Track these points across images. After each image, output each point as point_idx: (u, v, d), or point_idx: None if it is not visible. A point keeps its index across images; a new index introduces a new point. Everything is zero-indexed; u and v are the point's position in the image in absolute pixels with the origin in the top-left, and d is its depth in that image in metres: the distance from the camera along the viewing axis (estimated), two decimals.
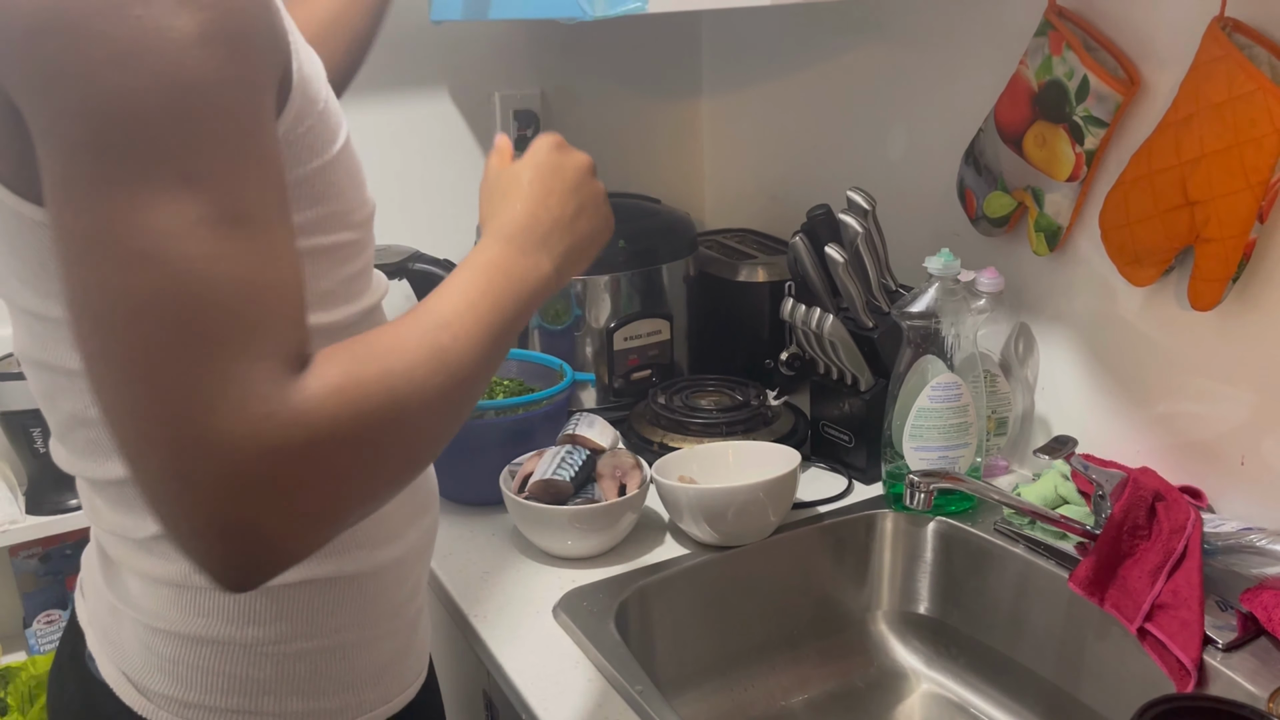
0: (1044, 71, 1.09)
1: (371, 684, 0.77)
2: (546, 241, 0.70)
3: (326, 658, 0.74)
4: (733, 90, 1.70)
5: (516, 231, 0.70)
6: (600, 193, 0.76)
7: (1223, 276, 0.96)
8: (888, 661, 1.15)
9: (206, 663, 0.71)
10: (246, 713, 0.72)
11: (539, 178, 0.73)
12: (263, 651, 0.71)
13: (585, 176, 0.75)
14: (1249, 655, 0.89)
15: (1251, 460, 1.02)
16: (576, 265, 0.73)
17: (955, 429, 1.11)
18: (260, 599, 0.71)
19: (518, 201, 0.71)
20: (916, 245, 1.21)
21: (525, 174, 0.73)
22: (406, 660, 0.80)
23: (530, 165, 0.74)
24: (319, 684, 0.74)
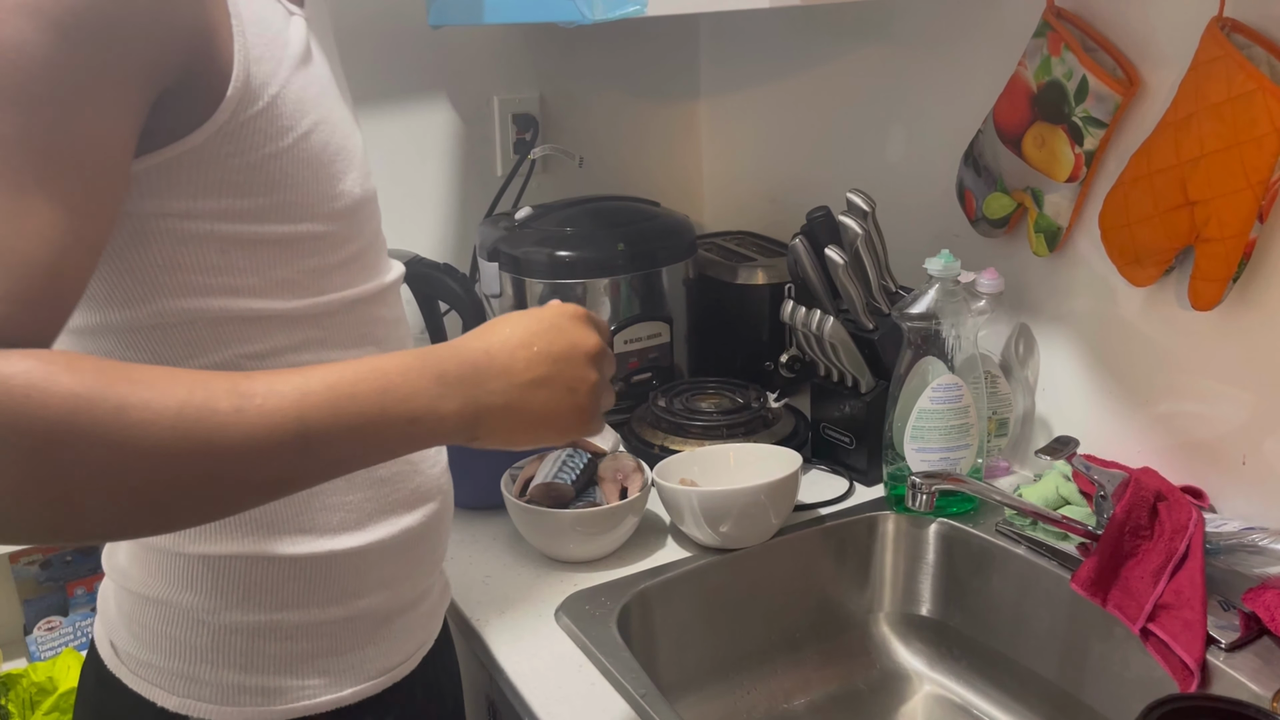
0: (1043, 72, 1.09)
1: (318, 671, 0.75)
2: (478, 384, 0.62)
3: (264, 635, 0.73)
4: (731, 93, 1.70)
5: (454, 353, 0.63)
6: (586, 383, 0.66)
7: (1223, 276, 0.96)
8: (890, 663, 1.15)
9: (155, 623, 0.74)
10: (187, 678, 0.73)
11: (530, 324, 0.66)
12: (199, 619, 0.72)
13: (581, 355, 0.66)
14: (1252, 655, 0.89)
15: (1253, 460, 1.02)
16: (502, 435, 0.64)
17: (956, 430, 1.11)
18: (199, 565, 0.72)
19: (489, 332, 0.65)
20: (916, 247, 1.21)
21: (523, 315, 0.67)
22: (366, 653, 0.78)
23: (534, 312, 0.67)
24: (255, 660, 0.73)
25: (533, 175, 1.60)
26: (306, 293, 0.70)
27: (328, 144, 0.69)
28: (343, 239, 0.72)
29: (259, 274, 0.68)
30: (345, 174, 0.71)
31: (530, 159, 1.57)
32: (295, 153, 0.67)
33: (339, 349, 0.73)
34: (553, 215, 1.44)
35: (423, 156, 1.57)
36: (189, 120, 0.62)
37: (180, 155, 0.62)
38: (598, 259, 1.37)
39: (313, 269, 0.70)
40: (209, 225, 0.65)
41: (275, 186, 0.66)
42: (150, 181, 0.63)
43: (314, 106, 0.68)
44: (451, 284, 1.42)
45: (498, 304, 1.43)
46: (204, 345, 0.68)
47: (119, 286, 0.65)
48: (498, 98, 1.59)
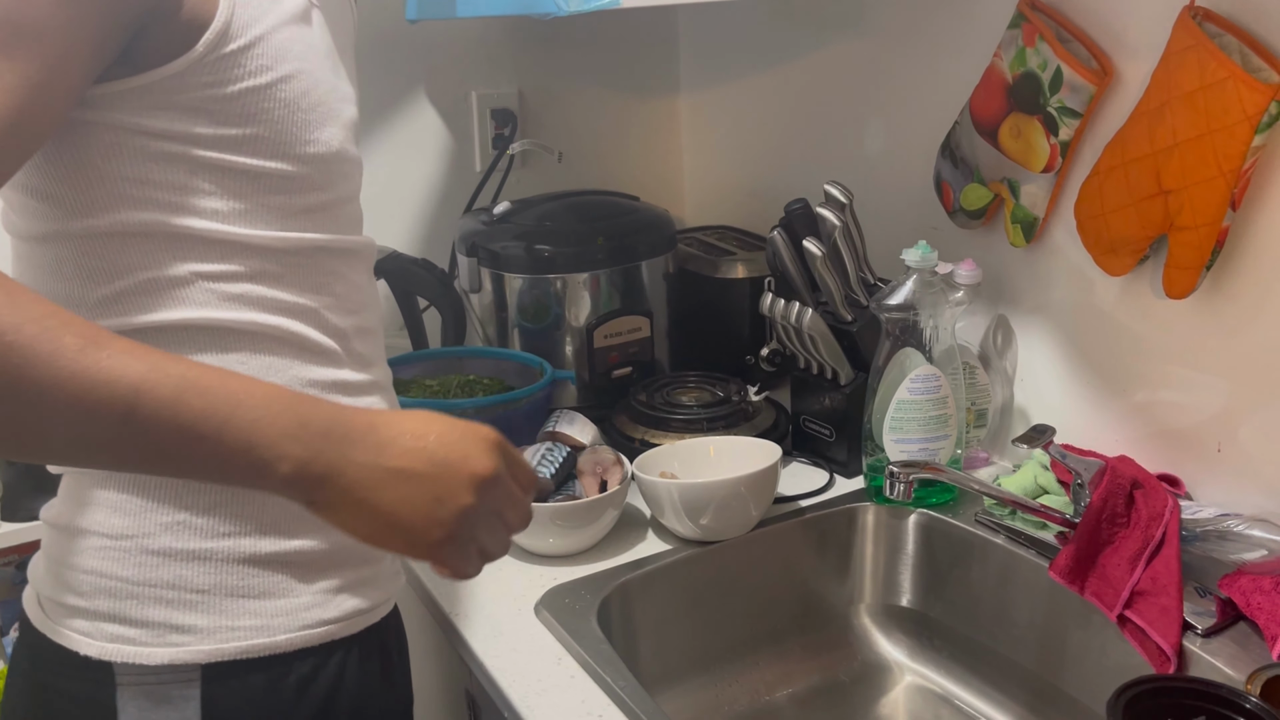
0: (1018, 63, 1.09)
1: (249, 613, 0.72)
2: (340, 447, 0.58)
3: (193, 564, 0.71)
4: (711, 87, 1.71)
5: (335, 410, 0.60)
6: (457, 503, 0.60)
7: (1197, 264, 0.97)
8: (871, 654, 1.16)
9: (80, 558, 0.72)
10: (112, 618, 0.71)
11: (439, 424, 0.62)
12: (125, 547, 0.71)
13: (467, 473, 0.61)
14: (1228, 640, 0.89)
15: (1228, 447, 1.02)
16: (342, 514, 0.59)
17: (935, 421, 1.11)
18: (129, 484, 0.71)
19: (395, 412, 0.63)
20: (894, 238, 1.21)
21: (441, 416, 0.63)
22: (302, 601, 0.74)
23: (454, 419, 0.64)
24: (183, 594, 0.71)
25: (511, 170, 1.60)
26: (267, 227, 0.71)
27: (307, 94, 0.72)
28: (311, 185, 0.73)
29: (223, 200, 0.70)
30: (323, 125, 0.73)
31: (509, 154, 1.57)
32: (272, 92, 0.69)
33: (294, 289, 0.74)
34: (532, 210, 1.43)
35: (401, 152, 1.57)
36: (170, 50, 0.66)
37: (161, 79, 0.66)
38: (577, 254, 1.37)
39: (277, 206, 0.72)
40: (181, 147, 0.68)
41: (249, 120, 0.69)
42: (130, 100, 0.66)
43: (297, 59, 0.71)
44: (430, 279, 1.41)
45: (476, 299, 1.42)
46: (160, 259, 0.69)
47: (85, 194, 0.68)
48: (476, 92, 1.59)
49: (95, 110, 0.66)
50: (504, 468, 0.64)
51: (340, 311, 0.77)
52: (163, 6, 0.64)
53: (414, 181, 1.58)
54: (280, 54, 0.70)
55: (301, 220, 0.73)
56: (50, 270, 0.71)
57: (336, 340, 0.77)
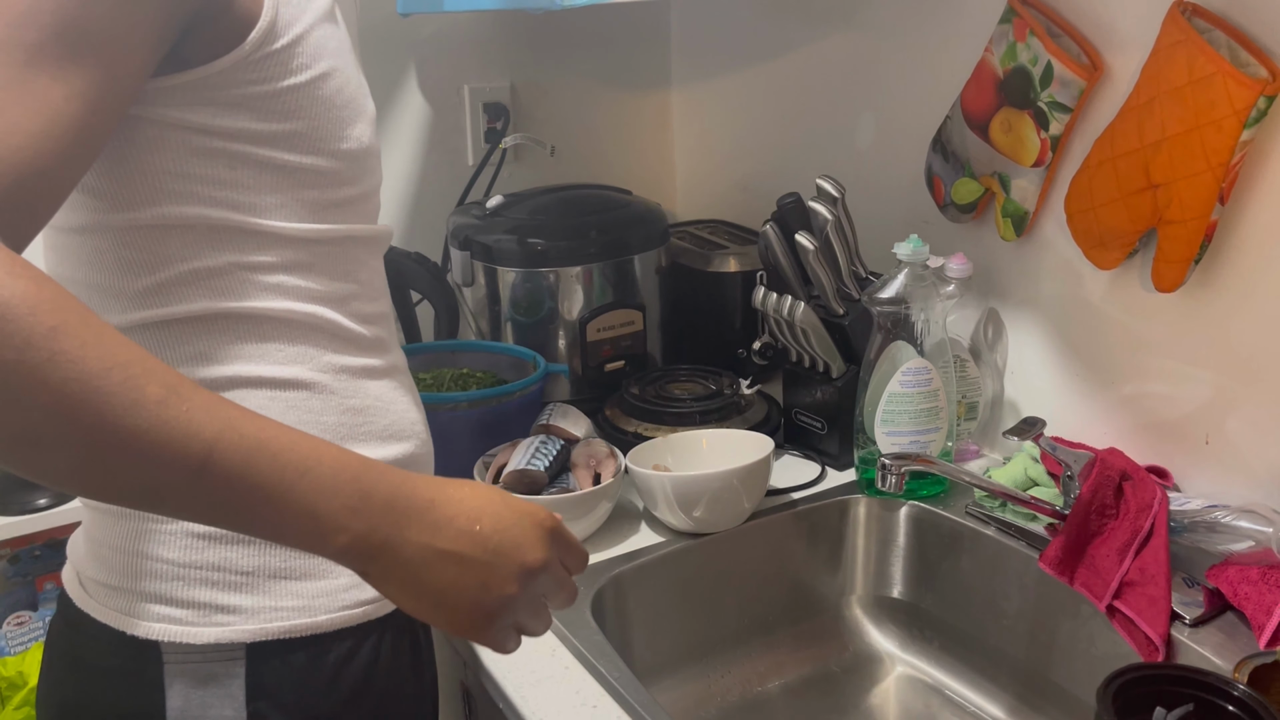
0: (1009, 58, 1.10)
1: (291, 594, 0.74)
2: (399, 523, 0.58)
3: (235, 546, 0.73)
4: (702, 81, 1.71)
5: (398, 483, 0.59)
6: (502, 592, 0.61)
7: (1185, 258, 0.98)
8: (862, 645, 1.16)
9: (123, 540, 0.73)
10: (158, 599, 0.72)
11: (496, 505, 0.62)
12: (169, 530, 0.72)
13: (516, 562, 0.61)
14: (1215, 630, 0.90)
15: (1216, 439, 1.03)
16: (392, 587, 0.60)
17: (926, 414, 1.12)
18: None
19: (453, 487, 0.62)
20: (886, 232, 1.22)
21: (498, 495, 0.64)
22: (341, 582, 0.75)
23: (512, 499, 0.64)
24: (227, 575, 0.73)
25: (504, 164, 1.59)
26: (302, 219, 0.74)
27: (341, 90, 0.74)
28: (345, 180, 0.76)
29: (261, 194, 0.72)
30: (355, 122, 0.76)
31: (501, 148, 1.57)
32: (311, 90, 0.71)
33: (325, 277, 0.76)
34: (524, 204, 1.43)
35: (393, 145, 1.57)
36: (218, 47, 0.67)
37: (207, 76, 0.67)
38: (570, 247, 1.37)
39: (312, 200, 0.74)
40: (223, 143, 0.69)
41: (290, 116, 0.71)
42: (175, 96, 0.67)
43: (332, 56, 0.74)
44: (423, 273, 1.41)
45: (469, 293, 1.43)
46: (199, 250, 0.71)
47: (127, 186, 0.69)
48: (468, 86, 1.59)
49: (140, 105, 0.67)
50: (555, 555, 0.64)
51: (365, 299, 0.80)
52: (213, 5, 0.65)
53: (406, 175, 1.58)
54: (318, 52, 0.72)
55: (333, 213, 0.76)
56: (89, 261, 0.72)
57: (363, 325, 0.79)
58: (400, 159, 1.58)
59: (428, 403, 1.18)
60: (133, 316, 0.72)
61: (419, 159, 1.59)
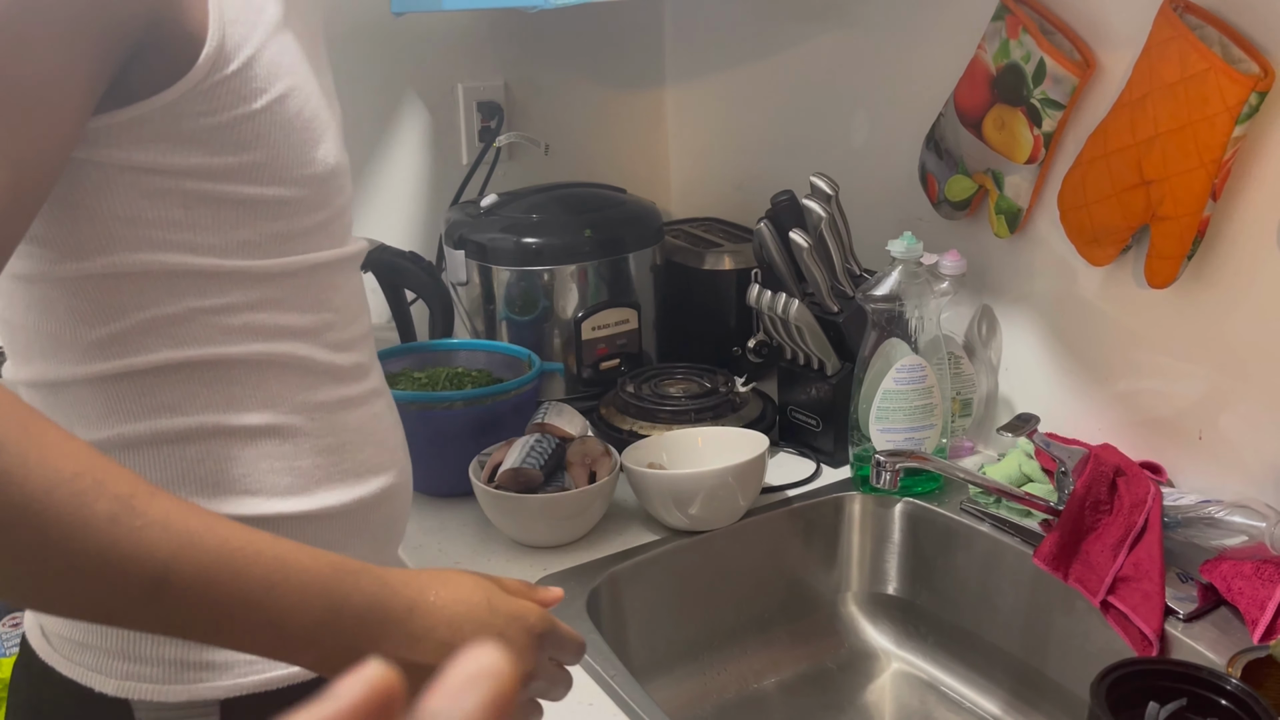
0: (1001, 55, 1.10)
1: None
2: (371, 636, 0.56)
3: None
4: (697, 79, 1.71)
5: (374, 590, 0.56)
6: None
7: (1178, 254, 0.98)
8: (858, 642, 1.17)
9: None
10: (126, 656, 0.69)
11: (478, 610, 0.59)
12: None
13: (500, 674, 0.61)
14: (1209, 625, 0.91)
15: (1209, 435, 1.04)
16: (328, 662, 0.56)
17: (920, 410, 1.12)
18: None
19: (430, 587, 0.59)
20: (880, 230, 1.22)
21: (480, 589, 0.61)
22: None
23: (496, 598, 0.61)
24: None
25: (498, 163, 1.59)
26: (267, 255, 0.69)
27: (301, 110, 0.69)
28: (311, 206, 0.71)
29: (221, 233, 0.67)
30: (318, 142, 0.70)
31: (495, 146, 1.57)
32: (268, 116, 0.66)
33: (296, 310, 0.71)
34: (519, 202, 1.43)
35: (387, 145, 1.56)
36: (162, 78, 0.62)
37: (152, 111, 0.62)
38: (564, 246, 1.37)
39: (277, 233, 0.69)
40: (175, 181, 0.64)
41: (246, 147, 0.66)
42: (120, 135, 0.62)
43: (289, 72, 0.68)
44: (417, 272, 1.41)
45: (464, 291, 1.43)
46: (156, 297, 0.66)
47: (74, 234, 0.64)
48: (462, 85, 1.58)
49: (83, 147, 0.62)
50: (544, 659, 0.62)
51: (341, 325, 0.75)
52: (154, 34, 0.60)
53: (401, 174, 1.58)
54: (273, 72, 0.66)
55: (301, 242, 0.71)
56: (39, 309, 0.67)
57: (340, 354, 0.75)
58: (394, 158, 1.58)
59: (423, 402, 1.18)
60: (89, 369, 0.66)
61: (413, 158, 1.59)
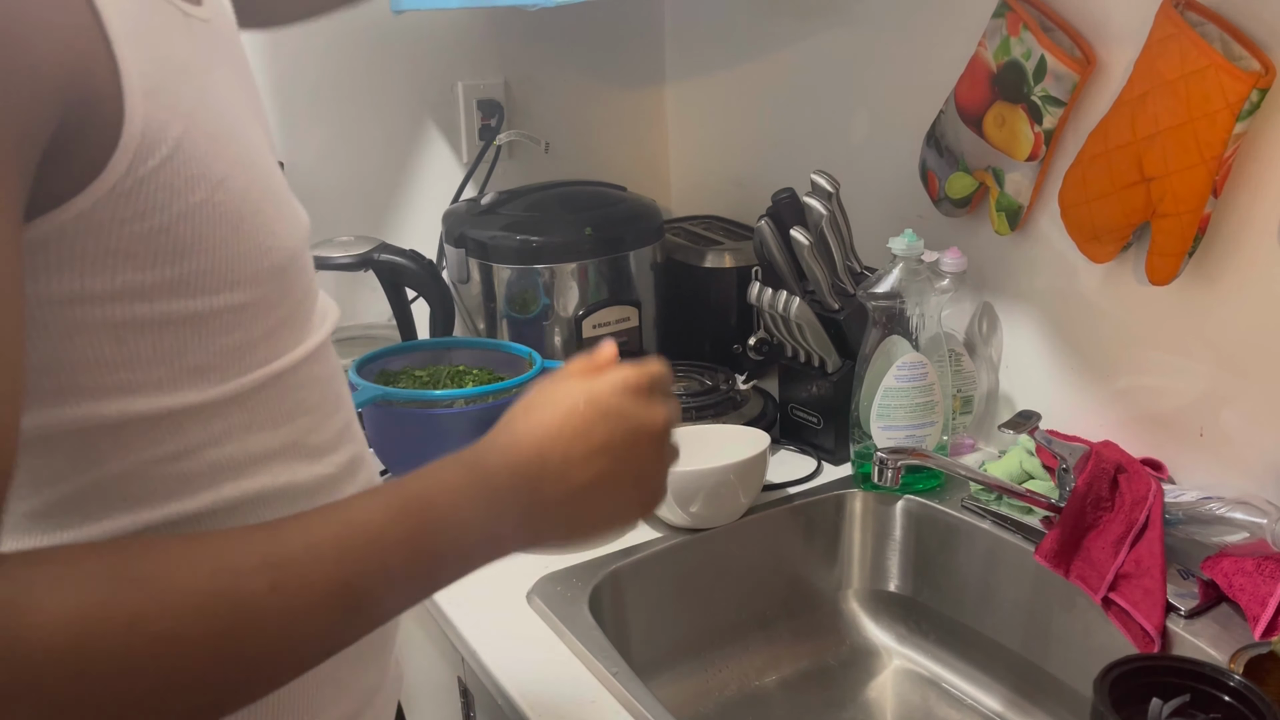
0: (1002, 52, 1.10)
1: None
2: (532, 496, 0.56)
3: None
4: (697, 77, 1.71)
5: (504, 461, 0.56)
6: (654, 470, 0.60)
7: (1179, 251, 0.98)
8: (859, 639, 1.17)
9: None
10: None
11: (586, 406, 0.57)
12: None
13: (646, 440, 0.59)
14: (1210, 621, 0.91)
15: (1210, 431, 1.04)
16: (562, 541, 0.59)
17: (921, 408, 1.12)
18: None
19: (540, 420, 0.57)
20: (880, 227, 1.22)
21: (577, 390, 0.58)
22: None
23: (590, 395, 0.58)
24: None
25: (498, 161, 1.59)
26: (225, 376, 0.56)
27: (249, 189, 0.56)
28: (270, 304, 0.58)
29: (165, 364, 0.54)
30: (275, 221, 0.58)
31: (495, 145, 1.57)
32: (211, 208, 0.53)
33: (267, 429, 0.59)
34: (519, 201, 1.43)
35: (387, 143, 1.56)
36: (72, 180, 0.48)
37: (63, 225, 0.48)
38: (565, 244, 1.37)
39: (233, 347, 0.56)
40: (101, 310, 0.51)
41: (186, 252, 0.52)
42: (27, 260, 0.48)
43: (230, 141, 0.55)
44: (417, 270, 1.41)
45: (465, 290, 1.43)
46: (99, 456, 0.53)
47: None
48: (462, 83, 1.58)
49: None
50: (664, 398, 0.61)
51: (321, 423, 0.64)
52: (62, 134, 0.46)
53: (401, 173, 1.58)
54: (210, 149, 0.53)
55: (262, 350, 0.58)
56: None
57: (324, 459, 0.64)
58: (394, 156, 1.58)
59: (424, 400, 1.18)
60: (25, 543, 0.53)
61: (413, 156, 1.59)
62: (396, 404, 1.19)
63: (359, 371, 1.26)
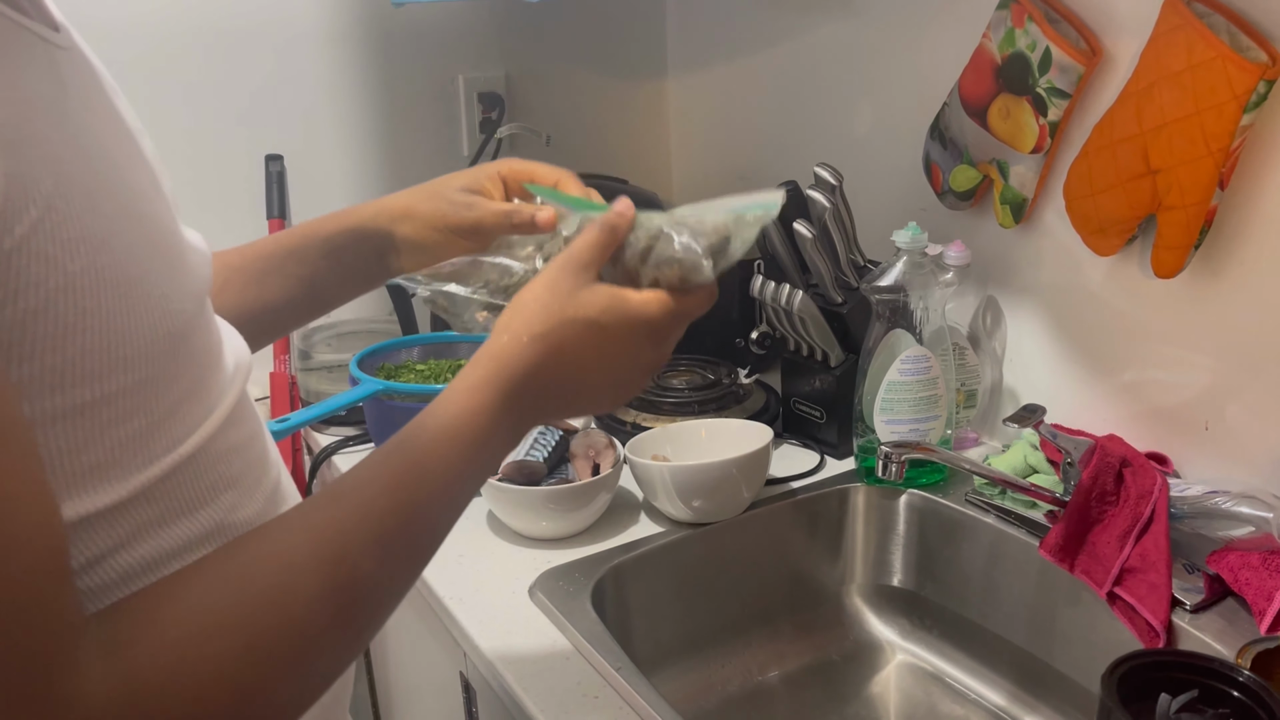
0: (1007, 44, 1.09)
1: None
2: (538, 410, 0.63)
3: None
4: (699, 70, 1.70)
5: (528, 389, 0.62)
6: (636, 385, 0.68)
7: (1185, 244, 0.97)
8: (863, 634, 1.16)
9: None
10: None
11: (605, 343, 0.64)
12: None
13: (643, 372, 0.67)
14: (1216, 616, 0.90)
15: (1215, 425, 1.03)
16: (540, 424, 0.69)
17: (925, 402, 1.11)
18: None
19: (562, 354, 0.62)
20: (884, 220, 1.21)
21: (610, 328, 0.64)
22: None
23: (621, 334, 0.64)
24: None
25: (499, 154, 1.59)
26: (127, 470, 0.49)
27: (135, 247, 0.48)
28: (170, 378, 0.50)
29: (57, 468, 0.45)
30: (167, 282, 0.50)
31: (496, 138, 1.56)
32: (94, 274, 0.45)
33: (183, 518, 0.53)
34: None
35: (387, 136, 1.56)
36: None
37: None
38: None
39: (132, 436, 0.49)
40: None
41: (69, 333, 0.44)
42: None
43: (112, 192, 0.47)
44: None
45: None
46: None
47: None
48: (463, 76, 1.58)
49: None
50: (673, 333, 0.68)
51: (249, 499, 0.58)
52: None
53: (401, 166, 1.58)
54: (88, 206, 0.45)
55: (169, 429, 0.51)
56: None
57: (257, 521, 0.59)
58: (395, 149, 1.57)
59: (425, 394, 1.18)
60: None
61: (413, 150, 1.58)
62: (398, 398, 1.19)
63: (360, 365, 1.25)
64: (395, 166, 1.57)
